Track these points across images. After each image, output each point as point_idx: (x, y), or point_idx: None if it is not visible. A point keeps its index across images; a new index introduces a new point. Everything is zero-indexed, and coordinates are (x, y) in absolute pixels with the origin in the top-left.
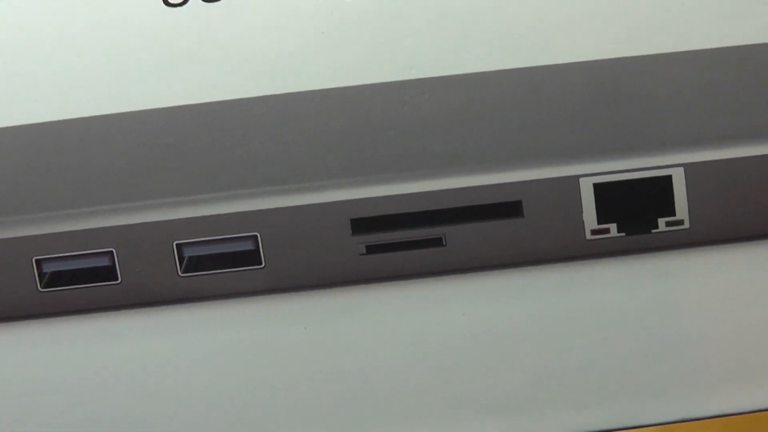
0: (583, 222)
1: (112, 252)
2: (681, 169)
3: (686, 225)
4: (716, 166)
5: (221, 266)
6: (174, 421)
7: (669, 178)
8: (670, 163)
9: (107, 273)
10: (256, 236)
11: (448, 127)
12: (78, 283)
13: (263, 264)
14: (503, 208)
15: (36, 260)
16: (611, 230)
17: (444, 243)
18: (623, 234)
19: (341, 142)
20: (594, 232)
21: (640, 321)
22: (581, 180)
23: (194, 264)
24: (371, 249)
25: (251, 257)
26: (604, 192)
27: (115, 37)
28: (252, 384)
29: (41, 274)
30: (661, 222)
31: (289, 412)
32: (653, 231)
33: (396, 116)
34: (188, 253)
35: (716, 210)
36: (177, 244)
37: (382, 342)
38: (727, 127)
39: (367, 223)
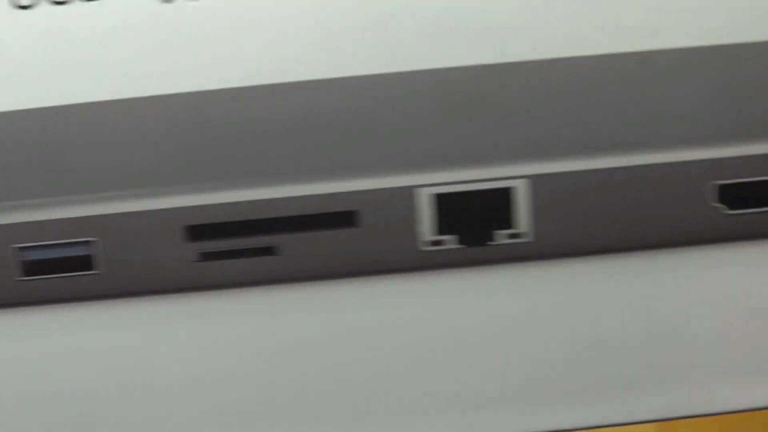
0: (420, 233)
1: None
2: (524, 181)
3: (529, 238)
4: (561, 179)
5: (59, 271)
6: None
7: (511, 190)
8: (513, 174)
9: None
10: (93, 242)
11: (285, 136)
12: None
13: (98, 270)
14: (339, 217)
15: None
16: (449, 242)
17: (277, 252)
18: (462, 246)
19: (176, 150)
20: (431, 243)
21: (476, 334)
22: (419, 190)
23: (34, 268)
24: (205, 256)
25: (87, 262)
26: (443, 203)
27: None
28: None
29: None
30: (502, 234)
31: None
32: (492, 243)
33: (232, 124)
34: (26, 257)
35: (561, 223)
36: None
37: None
38: (574, 139)
39: (202, 230)
